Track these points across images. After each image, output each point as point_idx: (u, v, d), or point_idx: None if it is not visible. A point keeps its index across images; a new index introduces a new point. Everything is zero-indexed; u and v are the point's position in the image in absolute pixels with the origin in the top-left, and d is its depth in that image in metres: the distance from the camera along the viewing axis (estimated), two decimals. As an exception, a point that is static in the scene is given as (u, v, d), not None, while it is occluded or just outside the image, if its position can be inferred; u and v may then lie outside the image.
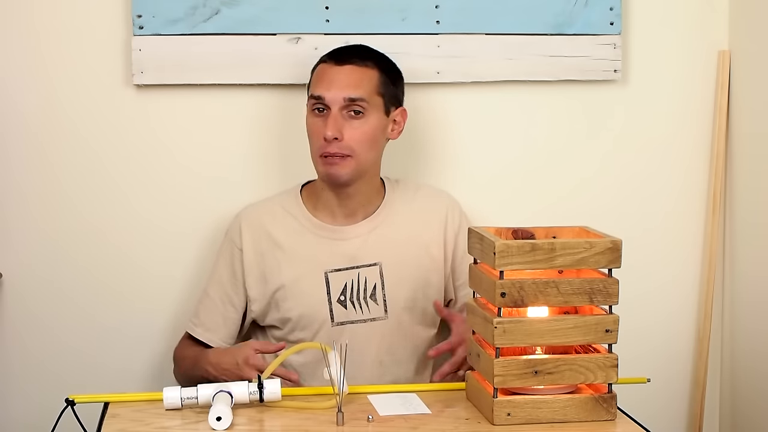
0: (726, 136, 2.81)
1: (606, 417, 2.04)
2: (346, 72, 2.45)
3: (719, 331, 2.88)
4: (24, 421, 2.70)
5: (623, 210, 2.82)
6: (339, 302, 2.47)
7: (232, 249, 2.53)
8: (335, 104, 2.42)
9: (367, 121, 2.44)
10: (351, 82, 2.44)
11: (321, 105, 2.44)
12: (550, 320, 2.03)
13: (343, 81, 2.44)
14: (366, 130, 2.44)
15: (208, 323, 2.52)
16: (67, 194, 2.67)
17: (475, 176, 2.77)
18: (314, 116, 2.45)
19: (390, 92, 2.49)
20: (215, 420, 2.00)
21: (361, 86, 2.44)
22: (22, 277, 2.68)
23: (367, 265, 2.49)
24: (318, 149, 2.44)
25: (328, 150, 2.42)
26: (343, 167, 2.43)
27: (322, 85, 2.45)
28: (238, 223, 2.54)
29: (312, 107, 2.46)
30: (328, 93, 2.43)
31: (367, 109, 2.44)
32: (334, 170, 2.43)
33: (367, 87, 2.45)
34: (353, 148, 2.43)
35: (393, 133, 2.52)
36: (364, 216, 2.52)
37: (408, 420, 2.06)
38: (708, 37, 2.81)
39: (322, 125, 2.43)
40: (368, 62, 2.47)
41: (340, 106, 2.42)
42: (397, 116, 2.51)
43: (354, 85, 2.43)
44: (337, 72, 2.45)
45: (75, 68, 2.65)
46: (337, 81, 2.43)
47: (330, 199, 2.51)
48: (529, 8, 2.71)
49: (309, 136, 2.48)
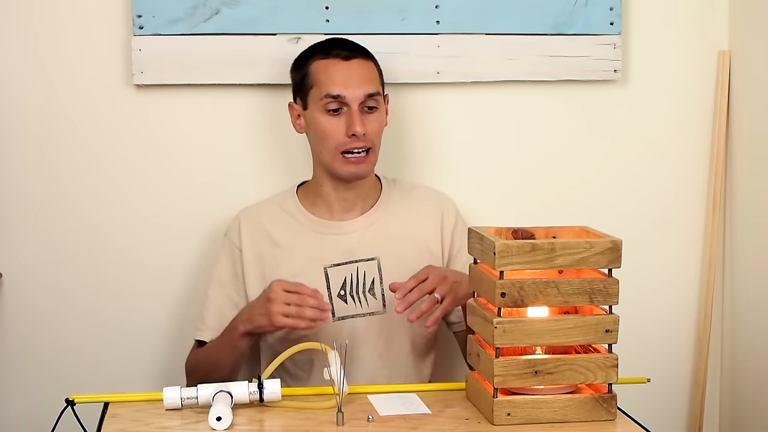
0: (726, 136, 2.81)
1: (606, 417, 2.04)
2: (356, 67, 2.45)
3: (719, 331, 2.88)
4: (24, 420, 2.70)
5: (623, 210, 2.82)
6: (339, 297, 2.48)
7: (232, 249, 2.53)
8: (355, 101, 2.43)
9: (380, 113, 2.47)
10: (366, 77, 2.45)
11: (339, 104, 2.43)
12: (550, 320, 2.03)
13: (357, 77, 2.44)
14: (381, 121, 2.48)
15: (215, 325, 2.51)
16: (67, 194, 2.67)
17: (475, 176, 2.77)
18: (329, 116, 2.44)
19: (383, 82, 2.52)
20: (215, 420, 2.00)
21: (374, 80, 2.47)
22: (22, 276, 2.68)
23: (366, 259, 2.49)
24: (338, 147, 2.43)
25: (352, 145, 2.42)
26: (368, 164, 2.46)
27: (337, 84, 2.43)
28: (237, 223, 2.54)
29: (326, 107, 2.44)
30: (347, 91, 2.42)
31: (379, 102, 2.47)
32: (359, 169, 2.45)
33: (376, 79, 2.48)
34: (373, 141, 2.45)
35: (385, 120, 2.54)
36: (361, 211, 2.53)
37: (408, 420, 2.06)
38: (708, 37, 2.81)
39: (339, 123, 2.43)
40: (367, 55, 2.49)
41: (359, 102, 2.43)
42: (387, 104, 2.55)
43: (369, 80, 2.45)
44: (347, 68, 2.45)
45: (75, 68, 2.65)
46: (352, 78, 2.44)
47: (330, 194, 2.51)
48: (529, 8, 2.71)
49: (321, 135, 2.45)
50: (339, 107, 2.43)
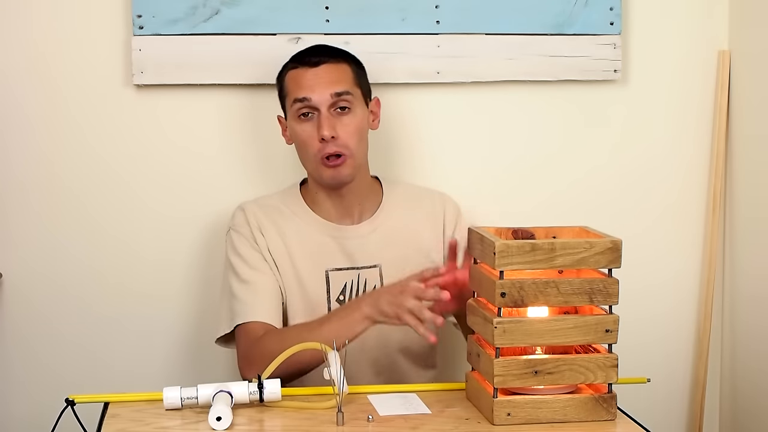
0: (726, 136, 2.81)
1: (606, 417, 2.04)
2: (323, 71, 2.44)
3: (719, 331, 2.88)
4: (24, 420, 2.70)
5: (623, 210, 2.82)
6: (338, 302, 2.47)
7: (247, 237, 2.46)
8: (323, 104, 2.41)
9: (354, 115, 2.44)
10: (332, 79, 2.43)
11: (308, 109, 2.42)
12: (550, 320, 2.03)
13: (324, 79, 2.43)
14: (356, 124, 2.44)
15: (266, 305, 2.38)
16: (67, 194, 2.67)
17: (475, 176, 2.77)
18: (301, 122, 2.43)
19: (364, 83, 2.50)
20: (215, 420, 2.00)
21: (342, 80, 2.44)
22: (23, 275, 2.68)
23: (368, 266, 2.49)
24: (315, 153, 2.42)
25: (327, 151, 2.41)
26: (345, 167, 2.43)
27: (303, 88, 2.43)
28: (243, 214, 2.49)
29: (297, 113, 2.43)
30: (313, 94, 2.41)
31: (353, 103, 2.44)
32: (338, 172, 2.43)
33: (348, 80, 2.45)
34: (348, 146, 2.42)
35: (374, 123, 2.52)
36: (360, 215, 2.52)
37: (408, 420, 2.06)
38: (708, 37, 2.81)
39: (312, 129, 2.42)
40: (338, 58, 2.47)
41: (327, 105, 2.41)
42: (373, 107, 2.53)
43: (336, 81, 2.43)
44: (314, 74, 2.43)
45: (75, 68, 2.65)
46: (318, 81, 2.42)
47: (325, 200, 2.50)
48: (529, 8, 2.71)
49: (300, 144, 2.45)
50: (309, 112, 2.42)
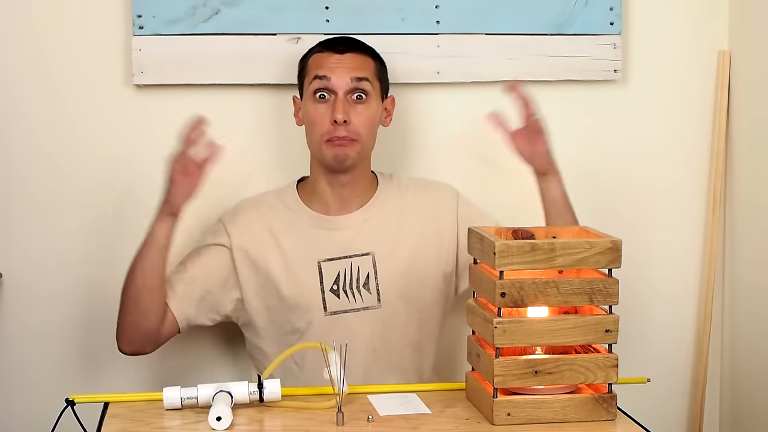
0: (726, 136, 2.81)
1: (606, 417, 2.04)
2: (347, 58, 2.48)
3: (719, 331, 2.88)
4: (24, 420, 2.70)
5: (623, 210, 2.82)
6: (332, 291, 2.48)
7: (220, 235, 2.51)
8: (341, 88, 2.45)
9: (369, 106, 2.48)
10: (356, 65, 2.48)
11: (325, 90, 2.46)
12: (550, 320, 2.03)
13: (346, 65, 2.47)
14: (369, 115, 2.48)
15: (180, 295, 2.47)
16: (67, 194, 2.67)
17: (475, 176, 2.77)
18: (317, 102, 2.47)
19: (384, 79, 2.54)
20: (215, 420, 2.00)
21: (364, 69, 2.48)
22: (22, 276, 2.68)
23: (360, 254, 2.49)
24: (323, 135, 2.45)
25: (336, 134, 2.44)
26: (350, 149, 2.46)
27: (325, 68, 2.47)
28: (234, 213, 2.54)
29: (315, 92, 2.47)
30: (334, 75, 2.45)
31: (370, 93, 2.48)
32: (341, 151, 2.45)
33: (369, 70, 2.50)
34: (359, 133, 2.46)
35: (386, 120, 2.56)
36: (357, 206, 2.53)
37: (408, 420, 2.06)
38: (708, 37, 2.81)
39: (326, 111, 2.45)
40: (364, 50, 2.52)
41: (345, 90, 2.45)
42: (388, 105, 2.56)
43: (359, 67, 2.48)
44: (338, 59, 2.48)
45: (75, 68, 2.65)
46: (341, 65, 2.47)
47: (325, 189, 2.52)
48: (529, 8, 2.71)
49: (310, 123, 2.48)
50: (326, 93, 2.46)
